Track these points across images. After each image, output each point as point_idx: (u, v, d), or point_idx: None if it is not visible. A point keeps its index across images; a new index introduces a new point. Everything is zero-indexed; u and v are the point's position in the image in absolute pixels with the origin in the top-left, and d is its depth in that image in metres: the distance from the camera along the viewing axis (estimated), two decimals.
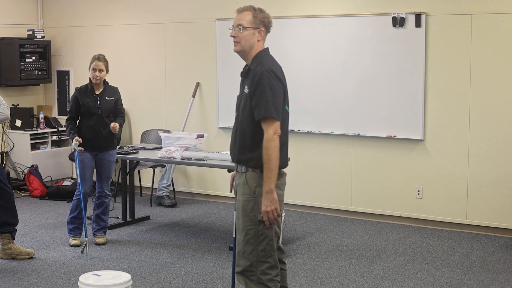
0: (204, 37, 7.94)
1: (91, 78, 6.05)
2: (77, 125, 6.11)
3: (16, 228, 5.73)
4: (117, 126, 6.08)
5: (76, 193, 6.02)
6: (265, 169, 3.58)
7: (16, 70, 8.52)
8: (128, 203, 7.01)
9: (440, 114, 6.67)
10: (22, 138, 8.59)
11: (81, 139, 5.95)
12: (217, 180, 7.99)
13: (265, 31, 3.77)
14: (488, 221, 6.52)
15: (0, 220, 5.61)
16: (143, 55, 8.46)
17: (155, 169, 8.12)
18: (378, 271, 5.43)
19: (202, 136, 6.64)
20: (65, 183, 8.26)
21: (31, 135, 8.58)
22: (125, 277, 4.19)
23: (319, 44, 7.20)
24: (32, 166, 8.39)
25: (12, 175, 8.63)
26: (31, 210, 7.61)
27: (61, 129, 8.78)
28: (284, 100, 3.71)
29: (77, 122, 6.13)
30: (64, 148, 8.91)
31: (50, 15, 9.18)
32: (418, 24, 6.63)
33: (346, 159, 7.19)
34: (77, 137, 5.95)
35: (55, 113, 9.19)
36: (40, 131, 8.71)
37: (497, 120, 6.43)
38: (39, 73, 8.80)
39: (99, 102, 6.05)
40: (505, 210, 6.45)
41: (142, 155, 6.69)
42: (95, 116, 6.04)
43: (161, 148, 6.67)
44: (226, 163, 5.99)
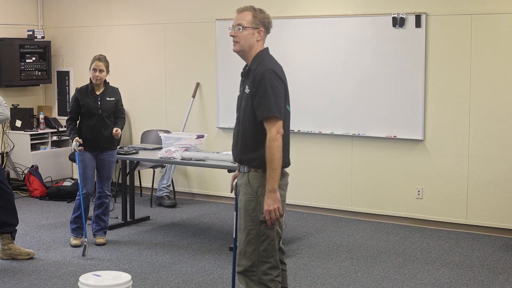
0: (204, 37, 7.94)
1: (91, 79, 6.05)
2: (77, 125, 6.11)
3: (16, 228, 5.73)
4: (119, 133, 6.09)
5: (79, 192, 6.02)
6: (268, 168, 3.58)
7: (16, 71, 8.52)
8: (128, 204, 7.01)
9: (440, 114, 6.67)
10: (22, 139, 8.59)
11: (81, 140, 5.96)
12: (217, 181, 7.98)
13: (264, 31, 3.77)
14: (488, 221, 6.52)
15: (0, 220, 5.61)
16: (143, 56, 8.46)
17: (155, 169, 8.12)
18: (378, 271, 5.43)
19: (202, 137, 6.64)
20: (65, 183, 8.25)
21: (31, 135, 8.57)
22: (125, 277, 4.19)
23: (319, 45, 7.20)
24: (32, 166, 8.39)
25: (12, 175, 8.63)
26: (31, 210, 7.61)
27: (61, 129, 8.78)
28: (286, 100, 3.71)
29: (78, 122, 6.13)
30: (64, 149, 8.91)
31: (50, 15, 9.18)
32: (418, 24, 6.63)
33: (346, 159, 7.19)
34: (77, 138, 5.95)
35: (55, 114, 9.19)
36: (40, 131, 8.71)
37: (497, 120, 6.43)
38: (39, 73, 8.80)
39: (99, 102, 6.05)
40: (505, 210, 6.45)
41: (142, 155, 6.69)
42: (96, 116, 6.03)
43: (161, 148, 6.67)
44: (226, 163, 5.99)
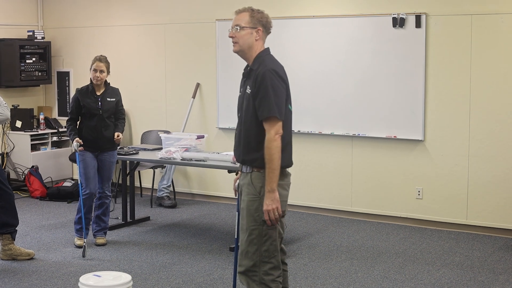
0: (204, 38, 7.94)
1: (92, 79, 6.05)
2: (77, 126, 6.11)
3: (16, 229, 5.73)
4: (121, 138, 6.09)
5: (82, 193, 6.01)
6: (267, 169, 3.59)
7: (16, 71, 8.52)
8: (128, 204, 7.01)
9: (440, 114, 6.67)
10: (22, 139, 8.59)
11: (81, 141, 5.96)
12: (217, 181, 7.98)
13: (263, 30, 3.76)
14: (488, 221, 6.52)
15: (1, 221, 5.61)
16: (143, 56, 8.46)
17: (155, 169, 8.12)
18: (378, 272, 5.43)
19: (202, 137, 6.64)
20: (65, 184, 8.25)
21: (31, 136, 8.58)
22: (126, 277, 4.19)
23: (319, 45, 7.20)
24: (32, 167, 8.39)
25: (13, 176, 8.63)
26: (32, 211, 7.61)
27: (61, 130, 8.78)
28: (287, 100, 3.72)
29: (78, 123, 6.13)
30: (64, 149, 8.91)
31: (50, 16, 9.18)
32: (418, 24, 6.63)
33: (346, 159, 7.19)
34: (77, 138, 5.95)
35: (55, 114, 9.19)
36: (40, 132, 8.71)
37: (497, 121, 6.43)
38: (39, 74, 8.80)
39: (100, 103, 6.05)
40: (506, 211, 6.45)
41: (142, 155, 6.69)
42: (96, 117, 6.03)
43: (161, 148, 6.66)
44: (226, 163, 5.99)
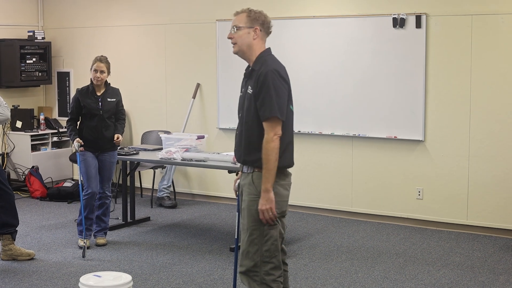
0: (205, 38, 7.94)
1: (92, 79, 6.05)
2: (78, 126, 6.10)
3: (16, 229, 5.73)
4: (120, 140, 6.10)
5: (83, 193, 6.00)
6: (263, 168, 3.60)
7: (17, 71, 8.52)
8: (128, 204, 7.01)
9: (441, 114, 6.67)
10: (23, 139, 8.59)
11: (81, 141, 5.95)
12: (217, 181, 7.98)
13: (260, 29, 3.75)
14: (488, 221, 6.52)
15: (1, 221, 5.61)
16: (144, 56, 8.46)
17: (156, 170, 8.12)
18: (378, 272, 5.43)
19: (203, 137, 6.64)
20: (65, 184, 8.25)
21: (31, 136, 8.58)
22: (126, 278, 4.19)
23: (319, 45, 7.20)
24: (33, 167, 8.39)
25: (13, 176, 8.63)
26: (32, 211, 7.61)
27: (62, 130, 8.78)
28: (289, 100, 3.72)
29: (78, 123, 6.13)
30: (64, 149, 8.91)
31: (51, 16, 9.18)
32: (418, 25, 6.63)
33: (347, 160, 7.19)
34: (78, 139, 5.95)
35: (55, 114, 9.19)
36: (40, 132, 8.71)
37: (497, 121, 6.43)
38: (40, 74, 8.80)
39: (100, 103, 6.05)
40: (506, 211, 6.45)
41: (142, 156, 6.69)
42: (97, 117, 6.03)
43: (161, 149, 6.66)
44: (226, 164, 5.98)
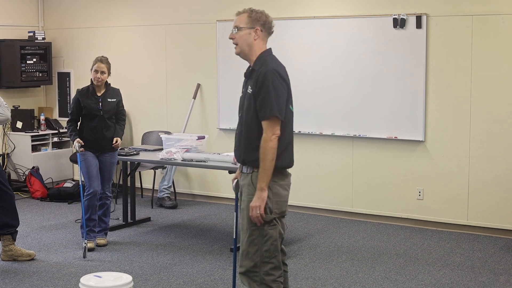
0: (205, 39, 7.94)
1: (92, 80, 6.05)
2: (78, 127, 6.10)
3: (17, 229, 5.73)
4: (119, 144, 6.10)
5: (85, 193, 5.98)
6: (260, 167, 3.60)
7: (17, 72, 8.52)
8: (129, 205, 7.01)
9: (441, 115, 6.67)
10: (23, 140, 8.59)
11: (82, 141, 5.95)
12: (218, 182, 7.98)
13: (261, 29, 3.75)
14: (489, 222, 6.52)
15: (1, 221, 5.61)
16: (144, 57, 8.46)
17: (156, 170, 8.12)
18: (379, 272, 5.43)
19: (203, 138, 6.64)
20: (66, 184, 8.25)
21: (32, 136, 8.58)
22: (126, 278, 4.19)
23: (319, 45, 7.20)
24: (33, 167, 8.39)
25: (13, 176, 8.63)
26: (32, 211, 7.61)
27: (62, 130, 8.78)
28: (288, 100, 3.72)
29: (78, 124, 6.13)
30: (65, 150, 8.91)
31: (51, 16, 9.18)
32: (419, 25, 6.63)
33: (347, 160, 7.19)
34: (78, 139, 5.95)
35: (56, 115, 9.19)
36: (41, 132, 8.72)
37: (498, 121, 6.43)
38: (40, 74, 8.80)
39: (101, 103, 6.05)
40: (506, 211, 6.45)
41: (143, 156, 6.69)
42: (97, 117, 6.03)
43: (162, 149, 6.66)
44: (227, 164, 5.99)
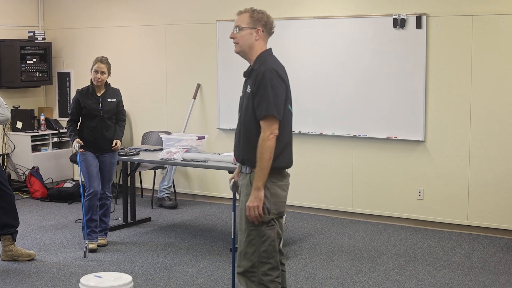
0: (205, 39, 7.94)
1: (92, 80, 6.04)
2: (78, 127, 6.10)
3: (17, 230, 5.73)
4: (119, 146, 6.10)
5: (85, 194, 5.98)
6: (257, 166, 3.59)
7: (17, 72, 8.52)
8: (129, 205, 7.01)
9: (441, 115, 6.67)
10: (23, 140, 8.59)
11: (81, 141, 5.95)
12: (218, 182, 7.98)
13: (263, 30, 3.75)
14: (489, 222, 6.52)
15: (1, 222, 5.61)
16: (144, 57, 8.46)
17: (156, 170, 8.12)
18: (379, 273, 5.43)
19: (203, 138, 6.64)
20: (66, 184, 8.25)
21: (32, 136, 8.58)
22: (126, 278, 4.19)
23: (319, 45, 7.20)
24: (33, 168, 8.39)
25: (13, 177, 8.63)
26: (32, 212, 7.61)
27: (62, 130, 8.78)
28: (287, 100, 3.71)
29: (78, 124, 6.13)
30: (65, 150, 8.91)
31: (51, 16, 9.18)
32: (419, 25, 6.63)
33: (347, 160, 7.19)
34: (78, 139, 5.95)
35: (56, 115, 9.19)
36: (41, 132, 8.72)
37: (498, 121, 6.43)
38: (40, 75, 8.80)
39: (100, 104, 6.05)
40: (506, 211, 6.45)
41: (143, 156, 6.69)
42: (97, 118, 6.03)
43: (162, 149, 6.66)
44: (227, 164, 5.99)
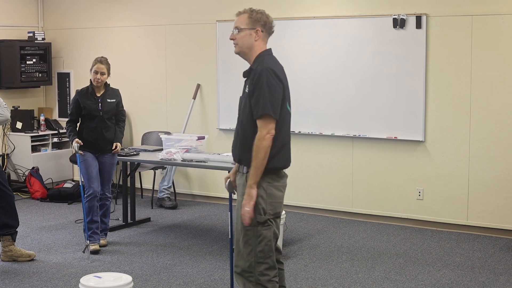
0: (205, 39, 7.94)
1: (92, 81, 6.04)
2: (78, 127, 6.10)
3: (16, 230, 5.73)
4: (119, 149, 6.10)
5: (85, 195, 5.97)
6: (252, 165, 3.59)
7: (17, 72, 8.52)
8: (129, 205, 7.01)
9: (441, 115, 6.67)
10: (23, 140, 8.59)
11: (81, 141, 5.95)
12: (218, 182, 7.98)
13: (262, 30, 3.75)
14: (489, 222, 6.52)
15: (1, 222, 5.61)
16: (144, 57, 8.46)
17: (156, 171, 8.12)
18: (379, 273, 5.43)
19: (203, 138, 6.64)
20: (66, 185, 8.25)
21: (31, 137, 8.58)
22: (126, 279, 4.19)
23: (320, 46, 7.20)
24: (33, 168, 8.39)
25: (13, 177, 8.63)
26: (32, 212, 7.61)
27: (62, 131, 8.77)
28: (285, 100, 3.69)
29: (78, 124, 6.12)
30: (65, 150, 8.91)
31: (51, 17, 9.18)
32: (418, 25, 6.63)
33: (347, 160, 7.19)
34: (77, 139, 5.95)
35: (55, 115, 9.19)
36: (40, 133, 8.72)
37: (498, 121, 6.43)
38: (40, 75, 8.80)
39: (100, 104, 6.04)
40: (506, 211, 6.45)
41: (143, 157, 6.69)
42: (97, 118, 6.02)
43: (162, 150, 6.66)
44: (227, 164, 5.99)
